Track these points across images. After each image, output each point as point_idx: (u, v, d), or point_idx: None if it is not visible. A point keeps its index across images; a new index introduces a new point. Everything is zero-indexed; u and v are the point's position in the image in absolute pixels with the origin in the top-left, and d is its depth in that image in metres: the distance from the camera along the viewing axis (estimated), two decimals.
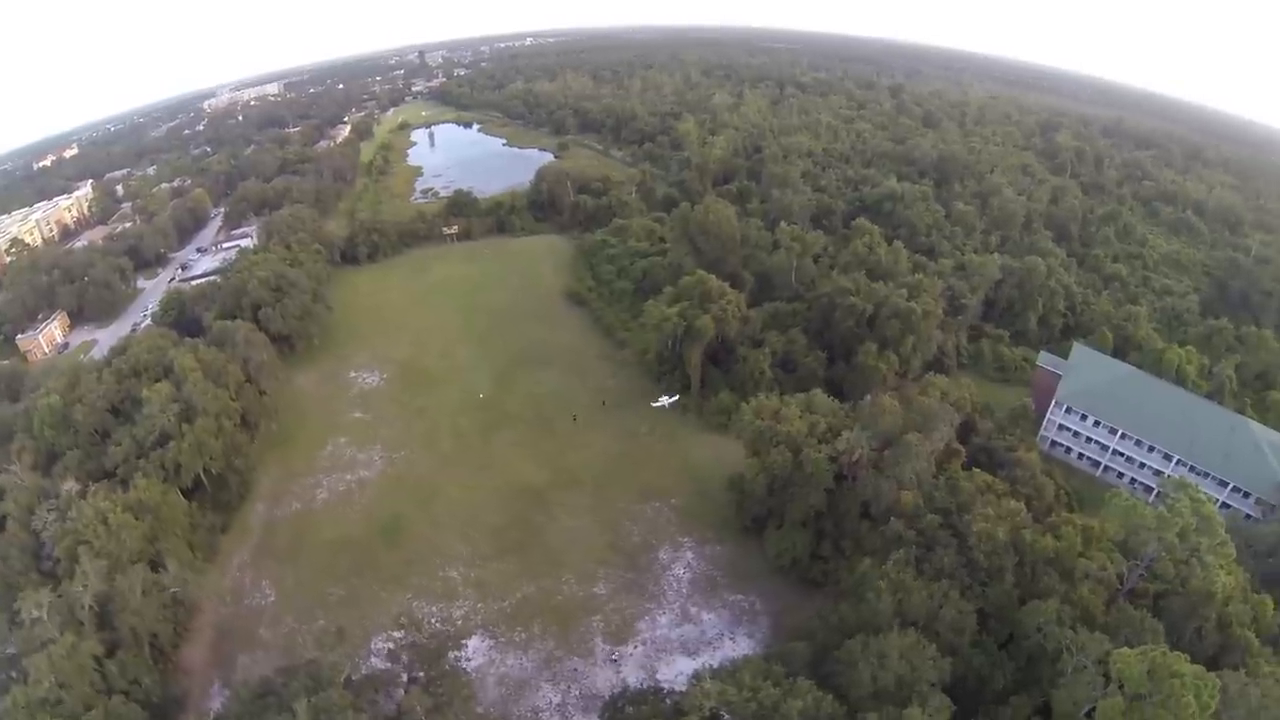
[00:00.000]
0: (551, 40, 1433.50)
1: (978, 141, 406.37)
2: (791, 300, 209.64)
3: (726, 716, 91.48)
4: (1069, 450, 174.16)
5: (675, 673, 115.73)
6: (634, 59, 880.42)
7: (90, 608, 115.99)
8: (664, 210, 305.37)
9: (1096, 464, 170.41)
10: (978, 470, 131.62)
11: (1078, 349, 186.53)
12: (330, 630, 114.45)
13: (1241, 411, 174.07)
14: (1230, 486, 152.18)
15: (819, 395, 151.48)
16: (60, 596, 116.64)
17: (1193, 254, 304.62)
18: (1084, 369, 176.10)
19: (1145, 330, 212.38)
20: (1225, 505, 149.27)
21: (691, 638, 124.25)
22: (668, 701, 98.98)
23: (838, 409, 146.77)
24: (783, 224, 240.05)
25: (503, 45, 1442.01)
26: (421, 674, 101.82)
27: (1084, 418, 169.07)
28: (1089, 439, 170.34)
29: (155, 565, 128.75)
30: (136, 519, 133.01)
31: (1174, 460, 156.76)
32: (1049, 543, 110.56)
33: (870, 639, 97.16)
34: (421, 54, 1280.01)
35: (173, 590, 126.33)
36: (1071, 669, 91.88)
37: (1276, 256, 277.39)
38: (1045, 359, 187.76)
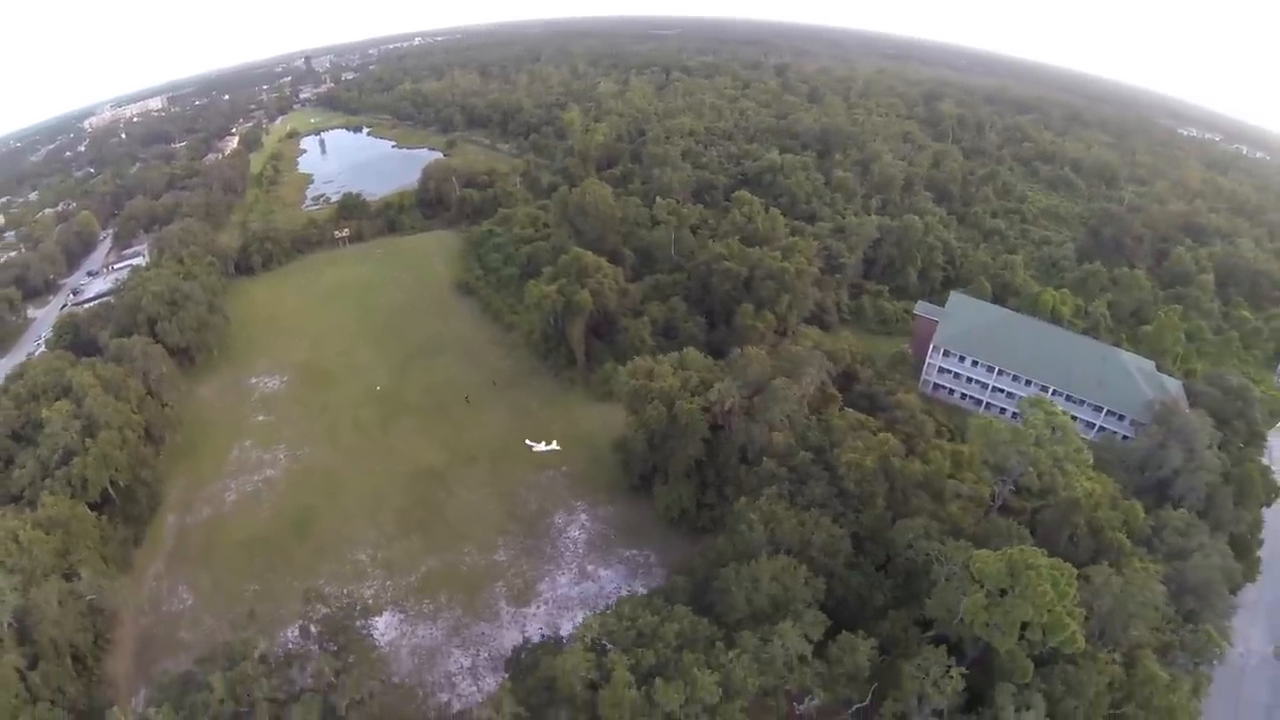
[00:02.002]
0: (440, 39, 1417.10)
1: (861, 114, 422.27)
2: (672, 271, 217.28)
3: (609, 646, 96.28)
4: (952, 392, 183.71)
5: (576, 625, 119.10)
6: (522, 54, 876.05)
7: (9, 624, 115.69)
8: (548, 198, 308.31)
9: (979, 402, 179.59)
10: (850, 410, 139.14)
11: (954, 297, 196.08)
12: (242, 613, 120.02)
13: (1118, 345, 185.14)
14: (1105, 411, 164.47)
15: (692, 353, 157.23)
16: None
17: (1071, 207, 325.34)
18: (960, 314, 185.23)
19: (1022, 277, 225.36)
20: (1103, 429, 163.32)
21: (590, 593, 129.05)
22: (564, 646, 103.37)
23: (710, 364, 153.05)
24: (659, 199, 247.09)
25: (391, 47, 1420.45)
26: (332, 645, 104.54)
27: (962, 359, 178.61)
28: (970, 379, 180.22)
29: (69, 577, 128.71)
30: (47, 534, 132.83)
31: (1050, 391, 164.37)
32: (917, 467, 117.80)
33: (743, 566, 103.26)
34: (308, 60, 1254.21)
35: (89, 598, 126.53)
36: (943, 578, 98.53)
37: (1148, 206, 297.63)
38: (923, 308, 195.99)
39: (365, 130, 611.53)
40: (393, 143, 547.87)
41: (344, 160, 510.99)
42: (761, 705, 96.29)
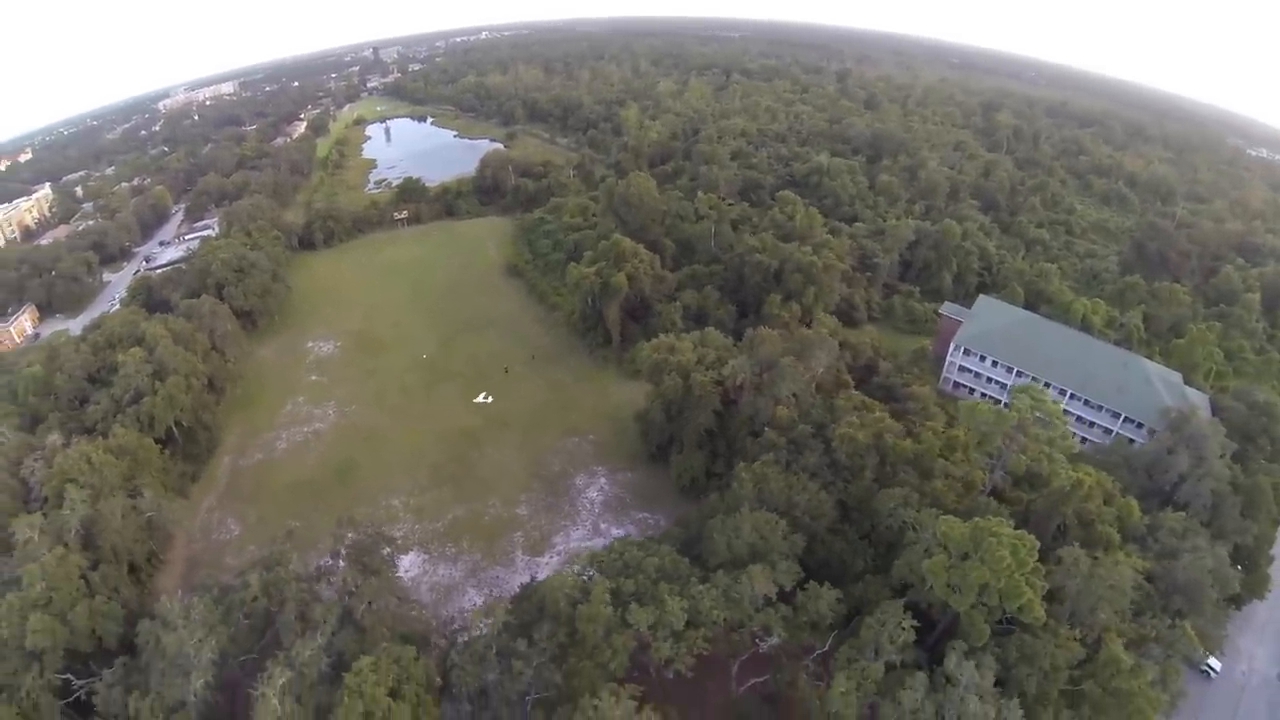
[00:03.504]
0: (506, 34, 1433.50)
1: (916, 121, 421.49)
2: (710, 263, 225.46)
3: (593, 572, 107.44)
4: (971, 391, 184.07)
5: None
6: (586, 51, 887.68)
7: (76, 530, 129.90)
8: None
9: (997, 402, 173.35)
10: (855, 393, 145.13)
11: (982, 299, 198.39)
12: (281, 533, 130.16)
13: (1149, 358, 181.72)
14: (1124, 418, 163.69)
15: (712, 332, 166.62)
16: (49, 521, 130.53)
17: (1121, 222, 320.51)
18: (984, 315, 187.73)
19: (1057, 286, 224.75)
20: (1120, 436, 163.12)
21: (600, 548, 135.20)
22: None
23: (727, 344, 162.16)
24: (700, 194, 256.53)
25: (458, 40, 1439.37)
26: (358, 564, 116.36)
27: (982, 359, 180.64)
28: (989, 379, 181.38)
29: (133, 496, 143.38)
30: (116, 459, 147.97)
31: (1069, 394, 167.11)
32: (908, 445, 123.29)
33: (727, 517, 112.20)
34: (376, 50, 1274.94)
35: (148, 515, 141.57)
36: (915, 544, 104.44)
37: (1200, 222, 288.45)
38: (948, 308, 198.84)
39: (429, 120, 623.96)
40: (455, 133, 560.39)
41: (407, 148, 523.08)
42: (727, 640, 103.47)
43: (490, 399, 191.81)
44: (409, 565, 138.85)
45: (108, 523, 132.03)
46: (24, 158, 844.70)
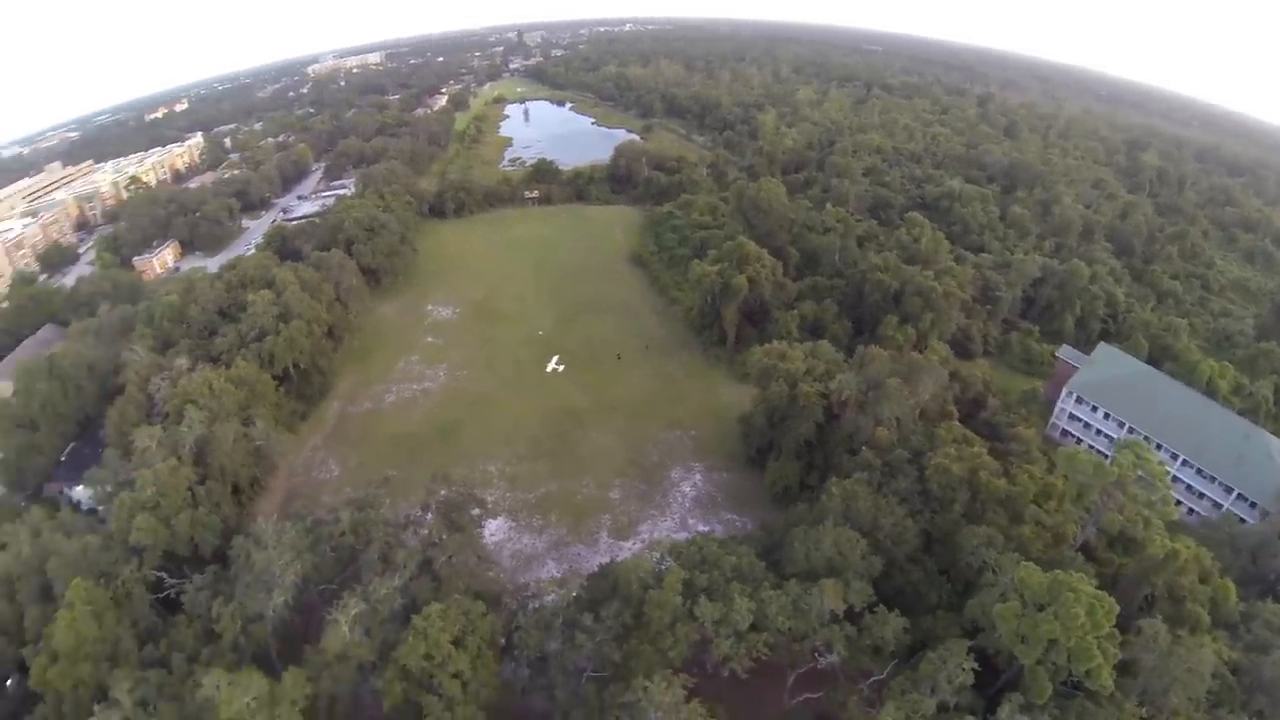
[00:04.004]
0: (650, 28, 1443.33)
1: (1056, 154, 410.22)
2: (832, 277, 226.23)
3: (670, 561, 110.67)
4: (1079, 441, 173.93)
5: None
6: (728, 51, 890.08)
7: (190, 447, 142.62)
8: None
9: (1105, 457, 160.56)
10: (957, 425, 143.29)
11: (1103, 347, 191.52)
12: (378, 479, 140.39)
13: (1276, 436, 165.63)
14: (1236, 494, 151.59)
15: (823, 344, 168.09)
16: (167, 435, 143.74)
17: (1264, 283, 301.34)
18: (1102, 364, 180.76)
19: (1185, 343, 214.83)
20: (1230, 514, 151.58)
21: (683, 540, 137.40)
22: None
23: (838, 358, 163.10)
24: (829, 207, 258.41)
25: (602, 29, 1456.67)
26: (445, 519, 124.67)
27: (1095, 409, 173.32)
28: (1098, 431, 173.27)
29: (246, 424, 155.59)
30: (235, 388, 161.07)
31: (1180, 460, 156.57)
32: (1002, 485, 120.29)
33: (811, 528, 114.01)
34: (520, 33, 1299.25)
35: (257, 443, 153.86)
36: (990, 585, 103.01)
37: None
38: (1066, 352, 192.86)
39: (568, 105, 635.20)
40: (592, 120, 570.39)
41: (544, 130, 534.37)
42: (788, 649, 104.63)
43: (562, 367, 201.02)
44: (495, 530, 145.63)
45: (219, 444, 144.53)
46: (180, 107, 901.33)
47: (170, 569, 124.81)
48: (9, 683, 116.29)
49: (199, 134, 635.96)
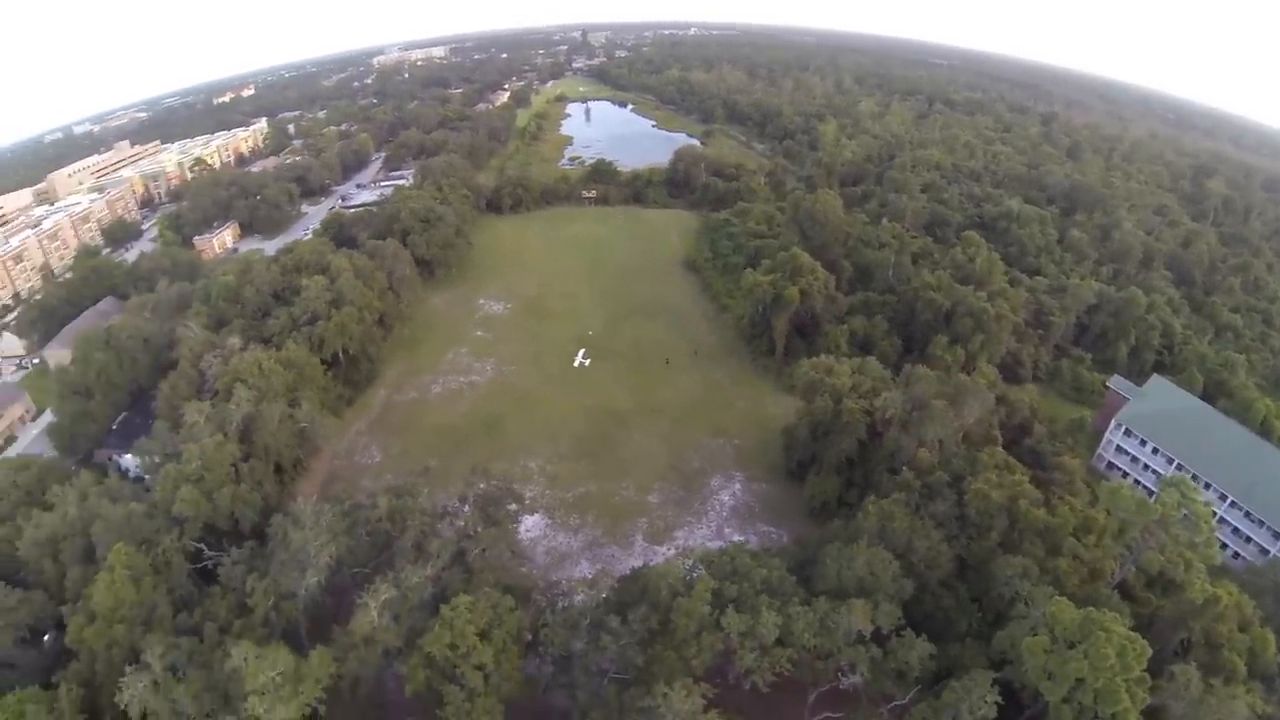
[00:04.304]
0: (714, 33, 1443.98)
1: (1118, 177, 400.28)
2: (884, 293, 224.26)
3: (701, 569, 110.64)
4: (1124, 475, 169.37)
5: None
6: (791, 59, 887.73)
7: (237, 424, 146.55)
8: (787, 201, 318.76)
9: (1150, 493, 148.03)
10: (1000, 451, 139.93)
11: (1156, 380, 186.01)
12: (418, 468, 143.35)
13: None
14: None
15: (871, 361, 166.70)
16: (216, 411, 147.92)
17: None
18: (1154, 397, 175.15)
19: (1242, 379, 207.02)
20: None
21: (715, 549, 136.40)
22: None
23: (885, 376, 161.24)
24: (885, 222, 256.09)
25: (666, 32, 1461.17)
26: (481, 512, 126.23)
27: (1143, 443, 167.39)
28: (1145, 466, 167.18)
29: (292, 405, 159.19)
30: (284, 370, 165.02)
31: (1228, 501, 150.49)
32: (1041, 516, 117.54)
33: (844, 546, 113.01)
34: (585, 32, 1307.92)
35: (302, 425, 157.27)
36: (1020, 617, 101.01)
37: None
38: (1117, 382, 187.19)
39: (629, 106, 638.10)
40: (653, 122, 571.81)
41: (605, 130, 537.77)
42: (811, 667, 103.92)
43: (589, 361, 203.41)
44: (531, 526, 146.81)
45: (265, 423, 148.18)
46: (247, 93, 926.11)
47: (209, 541, 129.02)
48: (46, 638, 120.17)
49: (264, 119, 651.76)
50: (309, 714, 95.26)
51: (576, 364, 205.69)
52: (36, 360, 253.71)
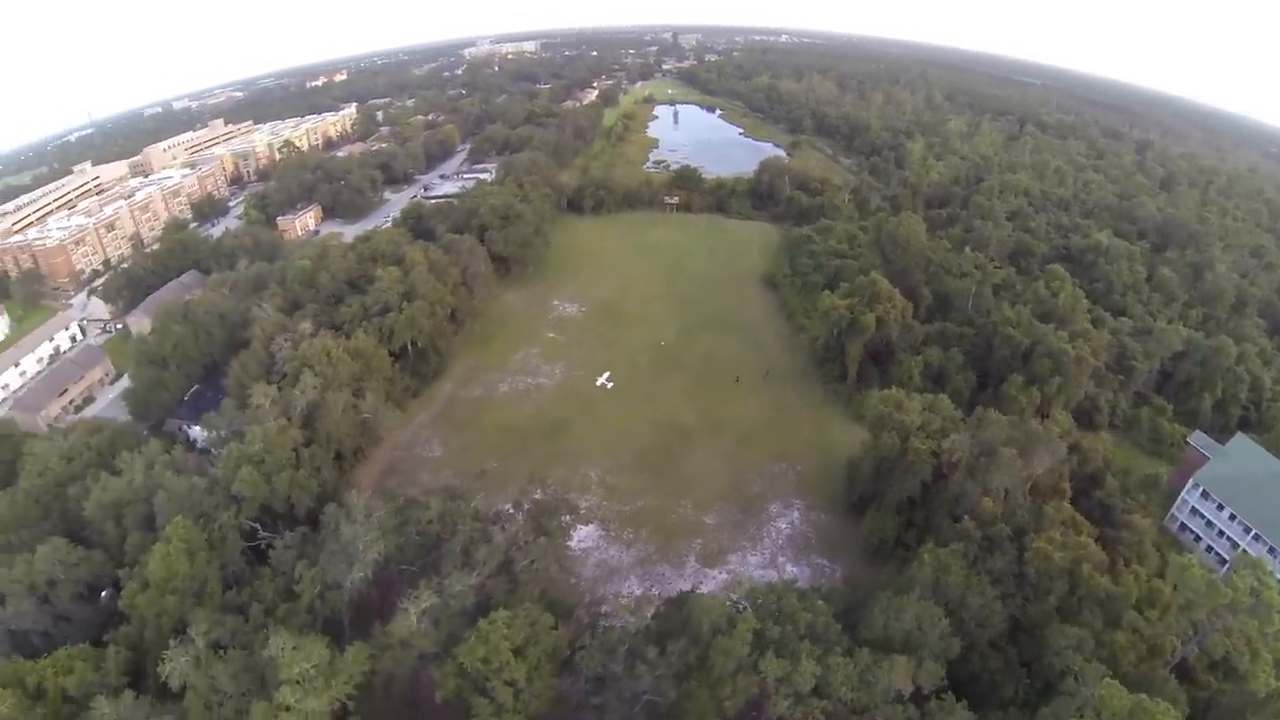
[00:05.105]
0: (805, 41, 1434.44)
1: (1214, 213, 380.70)
2: (962, 324, 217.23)
3: (746, 606, 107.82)
4: (1198, 539, 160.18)
5: None
6: (881, 72, 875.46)
7: (301, 410, 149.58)
8: (871, 220, 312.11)
9: (1223, 562, 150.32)
10: (1067, 507, 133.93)
11: (1240, 438, 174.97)
12: (475, 470, 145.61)
13: None
14: None
15: (942, 399, 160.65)
16: (282, 395, 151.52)
17: None
18: (1236, 457, 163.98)
19: None
20: None
21: (770, 580, 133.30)
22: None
23: (955, 415, 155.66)
24: (968, 250, 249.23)
25: (757, 38, 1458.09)
26: (534, 522, 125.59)
27: (1220, 508, 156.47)
28: (1221, 533, 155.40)
29: (357, 395, 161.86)
30: (352, 359, 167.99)
31: None
32: (1104, 584, 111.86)
33: (895, 597, 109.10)
34: (675, 34, 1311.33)
35: (364, 416, 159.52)
36: (1069, 694, 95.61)
37: None
38: (1198, 438, 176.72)
39: (717, 112, 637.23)
40: (740, 130, 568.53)
41: (691, 135, 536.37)
42: None
43: (611, 384, 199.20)
44: (584, 537, 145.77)
45: (329, 412, 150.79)
46: (339, 78, 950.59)
47: (265, 521, 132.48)
48: (103, 594, 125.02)
49: (353, 105, 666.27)
50: (339, 708, 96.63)
51: (599, 384, 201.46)
52: (120, 326, 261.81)
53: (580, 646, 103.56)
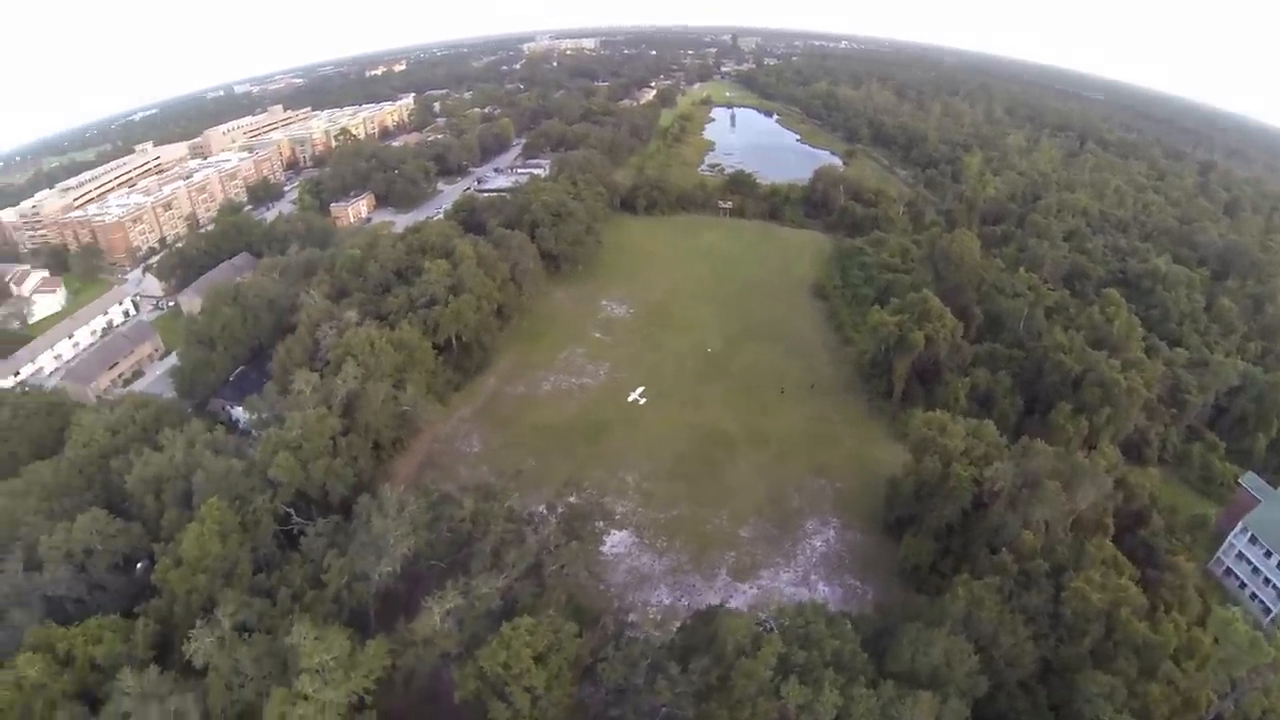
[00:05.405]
0: (866, 48, 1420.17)
1: (1279, 241, 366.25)
2: (1012, 346, 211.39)
3: (773, 627, 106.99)
4: (1243, 585, 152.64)
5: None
6: (942, 82, 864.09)
7: (341, 399, 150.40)
8: (924, 234, 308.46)
9: (1267, 611, 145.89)
10: (1109, 545, 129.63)
11: None
12: (512, 469, 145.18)
13: None
14: None
15: (987, 425, 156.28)
16: (323, 383, 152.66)
17: None
18: None
19: None
20: None
21: (801, 599, 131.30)
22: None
23: (999, 442, 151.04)
24: (1021, 271, 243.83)
25: (817, 43, 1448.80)
26: (567, 526, 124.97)
27: (1268, 554, 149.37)
28: (1267, 580, 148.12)
29: (398, 386, 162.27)
30: (395, 350, 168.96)
31: None
32: (1142, 630, 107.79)
33: (925, 629, 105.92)
34: (735, 36, 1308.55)
35: (404, 408, 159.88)
36: None
37: None
38: (1250, 480, 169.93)
39: (775, 117, 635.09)
40: (797, 136, 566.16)
41: (747, 139, 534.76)
42: None
43: (644, 400, 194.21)
44: (617, 542, 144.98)
45: (369, 402, 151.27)
46: (399, 68, 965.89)
47: (299, 507, 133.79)
48: (139, 566, 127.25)
49: (411, 95, 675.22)
50: (356, 700, 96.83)
51: (631, 400, 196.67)
52: (172, 303, 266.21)
53: (603, 657, 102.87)
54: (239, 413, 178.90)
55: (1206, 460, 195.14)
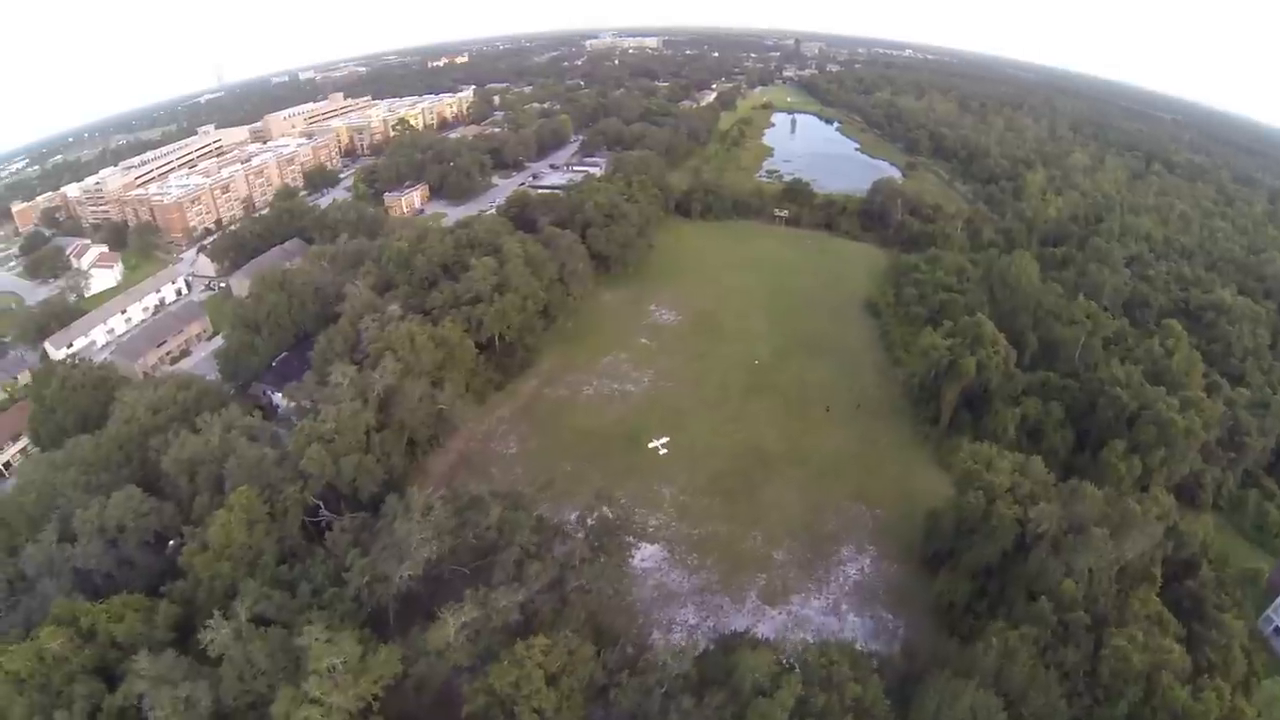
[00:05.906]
0: (929, 57, 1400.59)
1: None
2: (1066, 376, 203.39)
3: (795, 666, 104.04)
4: None
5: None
6: (1005, 95, 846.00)
7: (377, 394, 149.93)
8: (982, 253, 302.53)
9: None
10: (1155, 600, 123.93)
11: None
12: (544, 478, 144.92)
13: None
14: None
15: (1035, 461, 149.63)
16: (361, 376, 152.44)
17: None
18: None
19: None
20: None
21: (830, 629, 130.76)
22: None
23: (1047, 479, 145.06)
24: (1080, 298, 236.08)
25: (880, 50, 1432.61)
26: (596, 541, 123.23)
27: None
28: None
29: (435, 384, 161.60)
30: (435, 347, 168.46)
31: None
32: (1183, 697, 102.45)
33: (951, 680, 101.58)
34: (798, 41, 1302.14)
35: (440, 406, 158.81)
36: None
37: None
38: None
39: (835, 125, 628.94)
40: (857, 145, 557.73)
41: (807, 146, 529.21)
42: None
43: (665, 451, 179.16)
44: (647, 556, 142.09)
45: (405, 399, 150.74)
46: (460, 60, 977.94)
47: (329, 499, 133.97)
48: (170, 545, 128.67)
49: (471, 88, 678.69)
50: (364, 705, 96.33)
51: (652, 446, 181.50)
52: (223, 285, 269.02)
53: (618, 683, 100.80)
54: (279, 398, 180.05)
55: (1262, 508, 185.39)
